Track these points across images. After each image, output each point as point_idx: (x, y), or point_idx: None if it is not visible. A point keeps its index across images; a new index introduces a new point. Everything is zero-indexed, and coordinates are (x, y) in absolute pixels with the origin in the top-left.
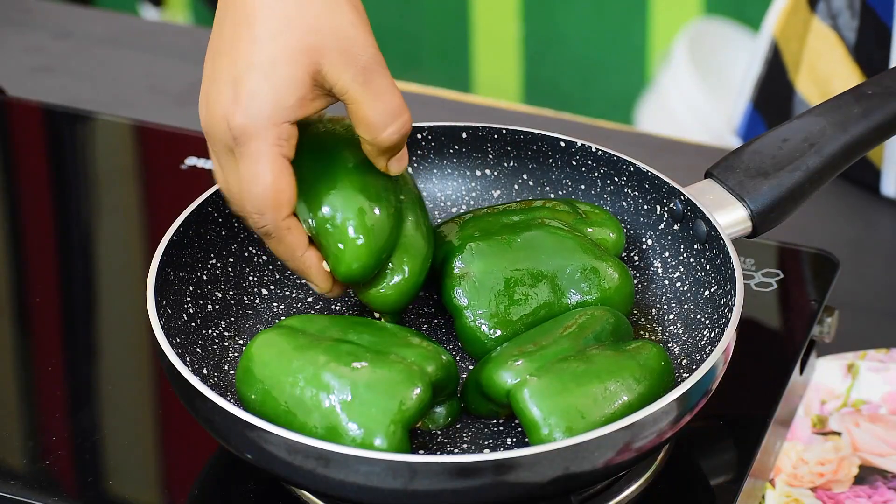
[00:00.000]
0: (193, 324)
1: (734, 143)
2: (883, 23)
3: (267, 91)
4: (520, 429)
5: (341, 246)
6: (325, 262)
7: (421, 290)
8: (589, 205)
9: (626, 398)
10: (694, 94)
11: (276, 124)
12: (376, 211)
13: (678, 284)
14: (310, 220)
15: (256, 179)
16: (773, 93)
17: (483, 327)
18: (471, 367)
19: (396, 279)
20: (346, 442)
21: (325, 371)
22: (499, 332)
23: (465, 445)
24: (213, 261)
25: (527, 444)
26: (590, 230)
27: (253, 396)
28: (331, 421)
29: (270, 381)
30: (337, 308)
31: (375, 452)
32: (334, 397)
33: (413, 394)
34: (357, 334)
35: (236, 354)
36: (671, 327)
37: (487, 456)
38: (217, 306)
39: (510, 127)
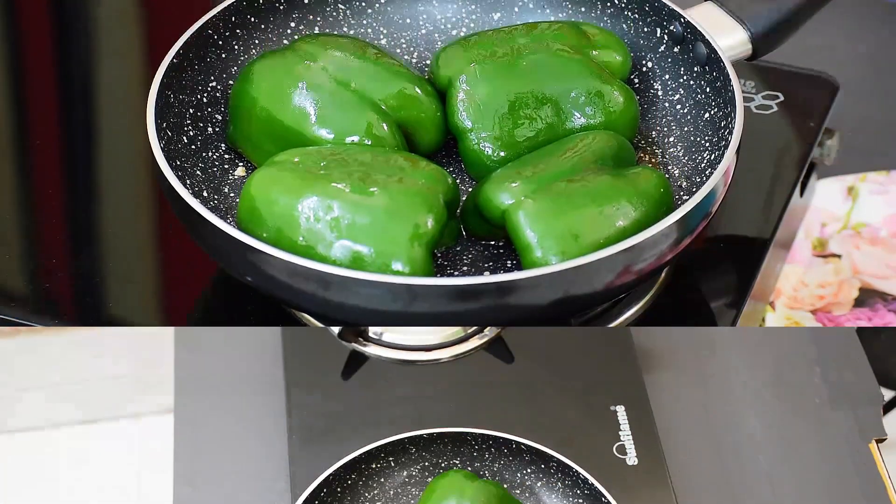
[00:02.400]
0: (193, 146)
1: None
2: None
3: None
4: None
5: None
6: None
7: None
8: (595, 27)
9: (621, 223)
10: None
11: None
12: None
13: (678, 107)
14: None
15: None
16: None
17: (487, 149)
18: (470, 189)
19: None
20: (371, 269)
21: (341, 200)
22: (502, 154)
23: (465, 268)
24: (214, 83)
25: None
26: (595, 53)
27: (264, 235)
28: (353, 250)
29: (282, 218)
30: None
31: (373, 275)
32: (354, 226)
33: (432, 214)
34: (358, 161)
35: (236, 177)
36: (671, 150)
37: (488, 278)
38: (217, 128)
39: None
